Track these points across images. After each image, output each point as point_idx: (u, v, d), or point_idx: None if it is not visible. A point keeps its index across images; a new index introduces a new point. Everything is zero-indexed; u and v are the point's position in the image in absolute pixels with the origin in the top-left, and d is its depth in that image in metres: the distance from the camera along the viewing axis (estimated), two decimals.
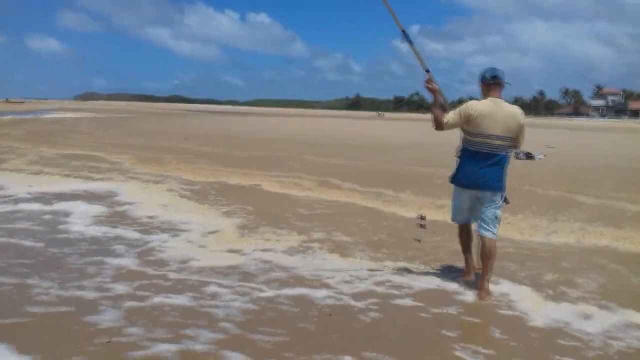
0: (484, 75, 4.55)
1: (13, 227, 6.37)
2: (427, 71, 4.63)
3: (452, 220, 5.02)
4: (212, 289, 4.41)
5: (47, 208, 7.34)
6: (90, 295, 4.17)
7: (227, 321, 3.81)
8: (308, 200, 8.64)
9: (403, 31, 4.68)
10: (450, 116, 4.49)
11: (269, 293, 4.36)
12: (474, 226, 4.88)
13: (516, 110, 4.57)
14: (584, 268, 5.39)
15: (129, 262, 5.07)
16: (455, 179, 4.74)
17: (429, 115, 4.71)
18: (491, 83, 4.52)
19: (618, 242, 6.43)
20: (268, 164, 13.36)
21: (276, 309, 4.08)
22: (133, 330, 3.59)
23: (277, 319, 3.90)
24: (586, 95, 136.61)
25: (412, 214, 7.93)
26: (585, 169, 14.62)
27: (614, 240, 6.50)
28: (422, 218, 6.22)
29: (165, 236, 6.05)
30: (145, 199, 8.22)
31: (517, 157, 16.76)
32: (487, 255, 4.60)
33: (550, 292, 4.64)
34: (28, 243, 5.73)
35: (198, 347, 3.40)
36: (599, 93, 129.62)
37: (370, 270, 5.07)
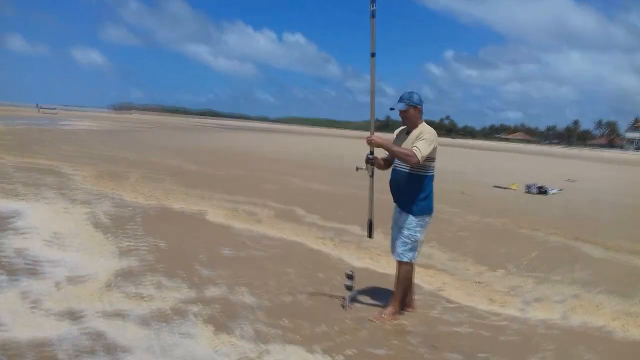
0: (421, 100, 4.43)
1: None
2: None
3: (415, 260, 4.55)
4: None
5: None
6: None
7: None
8: (245, 237, 7.11)
9: (373, 53, 4.41)
10: (425, 149, 4.22)
11: None
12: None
13: None
14: None
15: None
16: (431, 208, 4.51)
17: (459, 141, 4.49)
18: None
19: (617, 322, 4.73)
20: (239, 186, 11.91)
21: None
22: None
23: None
24: (622, 128, 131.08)
25: (366, 261, 6.38)
26: (603, 208, 12.75)
27: (613, 319, 4.81)
28: (350, 277, 4.63)
29: (2, 281, 4.59)
30: (45, 224, 6.80)
31: (529, 191, 14.95)
32: None
33: None
34: None
35: None
36: (635, 125, 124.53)
37: None
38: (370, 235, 4.78)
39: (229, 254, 6.21)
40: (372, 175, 4.62)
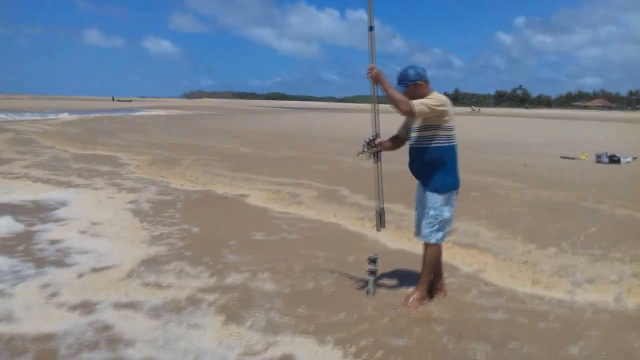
0: (418, 72, 4.08)
1: None
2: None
3: (444, 240, 4.25)
4: None
5: None
6: None
7: None
8: (281, 220, 6.95)
9: (371, 27, 4.02)
10: (422, 105, 3.91)
11: None
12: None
13: None
14: None
15: None
16: (457, 183, 4.17)
17: (532, 111, 4.00)
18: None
19: None
20: (288, 168, 11.76)
21: None
22: None
23: None
24: None
25: (403, 242, 6.06)
26: None
27: None
28: (373, 261, 4.33)
29: (29, 273, 4.65)
30: (86, 213, 6.93)
31: (599, 161, 13.89)
32: None
33: None
34: None
35: None
36: None
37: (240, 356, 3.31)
38: (381, 227, 4.45)
39: (261, 238, 6.06)
40: (376, 161, 4.37)
